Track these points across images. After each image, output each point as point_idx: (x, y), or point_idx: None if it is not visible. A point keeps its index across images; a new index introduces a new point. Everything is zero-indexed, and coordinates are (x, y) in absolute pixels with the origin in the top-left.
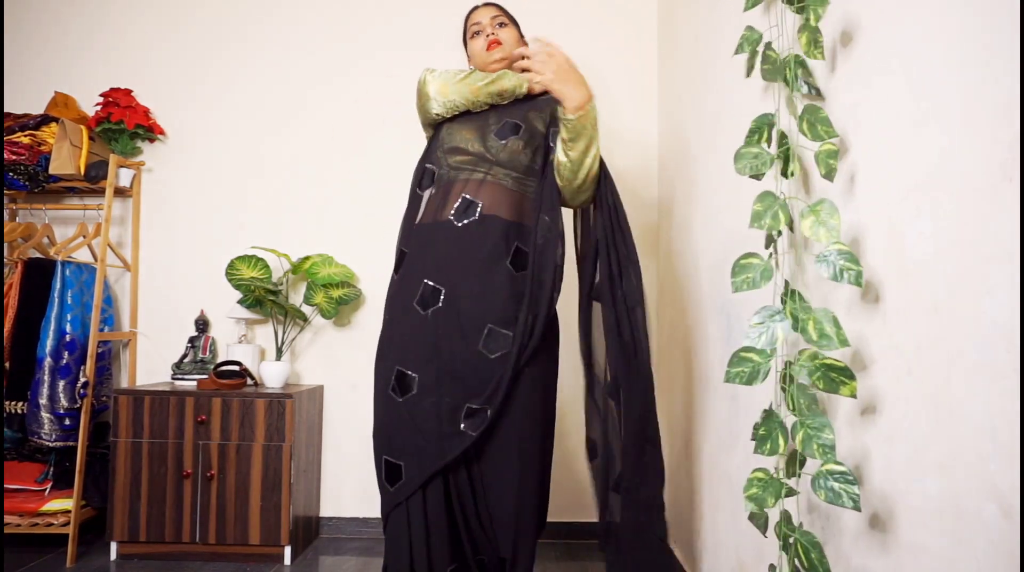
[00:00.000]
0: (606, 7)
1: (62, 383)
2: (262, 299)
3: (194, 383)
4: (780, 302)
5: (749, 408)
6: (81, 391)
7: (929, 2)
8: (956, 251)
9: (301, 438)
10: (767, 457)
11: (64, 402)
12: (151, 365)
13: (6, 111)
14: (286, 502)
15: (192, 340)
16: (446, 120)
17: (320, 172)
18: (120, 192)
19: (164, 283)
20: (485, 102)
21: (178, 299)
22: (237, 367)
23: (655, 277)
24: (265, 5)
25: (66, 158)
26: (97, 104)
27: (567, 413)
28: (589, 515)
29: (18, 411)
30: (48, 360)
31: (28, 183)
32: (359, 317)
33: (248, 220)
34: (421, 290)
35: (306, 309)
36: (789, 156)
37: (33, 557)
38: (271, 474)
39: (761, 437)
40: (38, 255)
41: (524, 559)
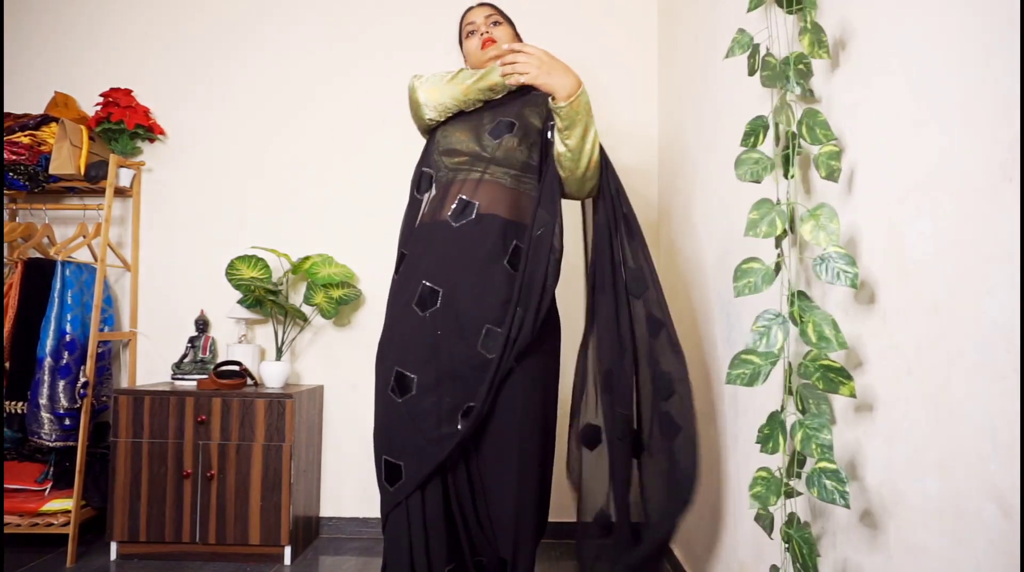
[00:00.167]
0: (606, 7)
1: (62, 383)
2: (262, 299)
3: (194, 383)
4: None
5: (748, 409)
6: (81, 391)
7: (929, 2)
8: (956, 251)
9: (301, 438)
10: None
11: (64, 402)
12: (151, 365)
13: (6, 111)
14: (286, 502)
15: (192, 340)
16: (440, 123)
17: (320, 172)
18: (120, 192)
19: (164, 283)
20: (477, 99)
21: (178, 299)
22: (237, 367)
23: None
24: (265, 5)
25: (66, 158)
26: (97, 104)
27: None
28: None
29: (18, 411)
30: (48, 360)
31: (28, 183)
32: (359, 317)
33: (248, 220)
34: (419, 291)
35: (306, 309)
36: (789, 158)
37: (33, 557)
38: (271, 474)
39: (764, 437)
40: (38, 255)
41: (524, 560)
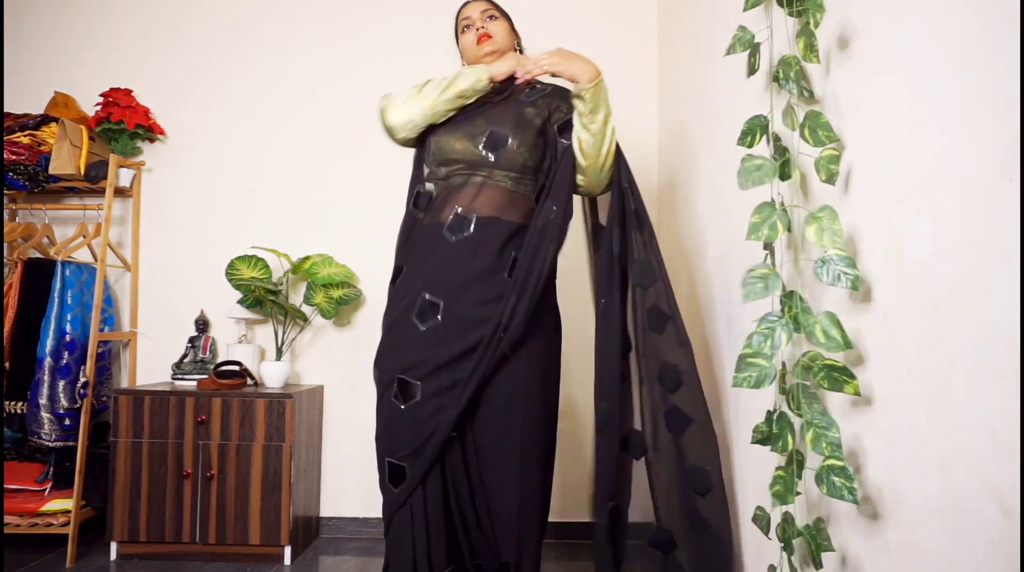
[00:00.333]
0: (605, 7)
1: (62, 383)
2: (262, 299)
3: (194, 383)
4: (780, 304)
5: (749, 410)
6: (81, 391)
7: (929, 2)
8: (956, 251)
9: (301, 438)
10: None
11: (64, 402)
12: (151, 365)
13: (6, 111)
14: (286, 502)
15: (192, 340)
16: (431, 132)
17: (320, 172)
18: (120, 192)
19: (164, 283)
20: (448, 110)
21: (178, 299)
22: (237, 367)
23: None
24: (265, 5)
25: (66, 158)
26: (97, 104)
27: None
28: (589, 515)
29: (18, 411)
30: (48, 360)
31: (28, 183)
32: (359, 317)
33: (248, 220)
34: (419, 304)
35: (306, 309)
36: (788, 160)
37: (33, 557)
38: (271, 474)
39: (773, 436)
40: (38, 255)
41: (529, 562)
